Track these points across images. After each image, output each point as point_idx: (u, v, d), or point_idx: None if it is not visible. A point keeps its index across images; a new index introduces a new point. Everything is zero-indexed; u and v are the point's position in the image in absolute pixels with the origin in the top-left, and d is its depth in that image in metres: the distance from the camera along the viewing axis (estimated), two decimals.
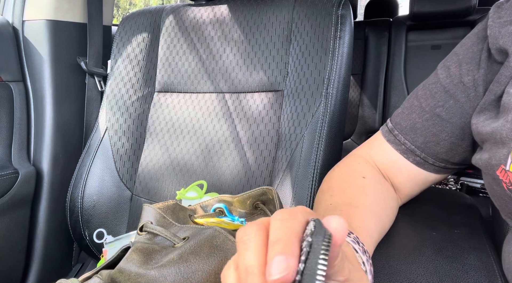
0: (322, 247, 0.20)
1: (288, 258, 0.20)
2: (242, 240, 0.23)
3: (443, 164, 0.48)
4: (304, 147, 0.67)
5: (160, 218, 0.40)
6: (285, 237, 0.21)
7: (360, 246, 0.34)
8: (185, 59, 0.82)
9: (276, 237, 0.22)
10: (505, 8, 0.41)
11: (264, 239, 0.23)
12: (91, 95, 0.93)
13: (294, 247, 0.21)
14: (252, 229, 0.23)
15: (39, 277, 0.86)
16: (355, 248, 0.33)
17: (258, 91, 0.75)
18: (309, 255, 0.20)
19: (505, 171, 0.35)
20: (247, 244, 0.22)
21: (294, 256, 0.20)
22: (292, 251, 0.21)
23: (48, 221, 0.86)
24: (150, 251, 0.36)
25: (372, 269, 0.34)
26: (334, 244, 0.22)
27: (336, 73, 0.68)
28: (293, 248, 0.21)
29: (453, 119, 0.45)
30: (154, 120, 0.83)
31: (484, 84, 0.42)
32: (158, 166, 0.80)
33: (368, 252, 0.35)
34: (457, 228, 0.47)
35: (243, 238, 0.23)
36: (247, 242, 0.23)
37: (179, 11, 0.85)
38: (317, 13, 0.71)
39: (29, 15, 0.84)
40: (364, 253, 0.34)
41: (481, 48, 0.43)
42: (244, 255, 0.22)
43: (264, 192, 0.51)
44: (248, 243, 0.22)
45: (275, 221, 0.23)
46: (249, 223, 0.24)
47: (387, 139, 0.50)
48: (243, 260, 0.22)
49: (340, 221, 0.22)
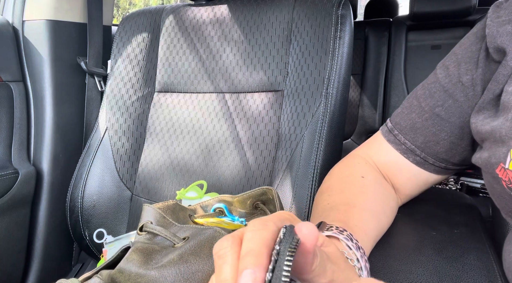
0: (287, 253, 0.21)
1: (256, 270, 0.21)
2: (218, 255, 0.23)
3: (443, 164, 0.48)
4: (304, 147, 0.67)
5: (160, 218, 0.40)
6: (255, 248, 0.22)
7: (353, 242, 0.34)
8: (185, 59, 0.82)
9: (246, 250, 0.22)
10: (504, 8, 0.41)
11: (238, 251, 0.23)
12: (91, 95, 0.93)
13: (262, 258, 0.21)
14: (228, 242, 0.24)
15: (39, 277, 0.86)
16: (348, 245, 0.33)
17: (258, 91, 0.75)
18: (276, 263, 0.21)
19: (505, 169, 0.35)
20: (222, 258, 0.23)
21: (262, 267, 0.21)
22: (261, 262, 0.21)
23: (48, 221, 0.86)
24: (150, 251, 0.36)
25: (368, 265, 0.34)
26: (305, 249, 0.22)
27: (336, 73, 0.68)
28: (261, 259, 0.21)
29: (452, 119, 0.45)
30: (154, 120, 0.83)
31: (482, 83, 0.42)
32: (158, 166, 0.80)
33: (362, 248, 0.35)
34: (457, 228, 0.47)
35: (219, 253, 0.23)
36: (223, 256, 0.23)
37: (179, 11, 0.85)
38: (317, 13, 0.71)
39: (29, 15, 0.84)
40: (358, 249, 0.34)
41: (480, 47, 0.43)
42: (220, 270, 0.23)
43: (264, 192, 0.51)
44: (224, 257, 0.23)
45: (247, 233, 0.24)
46: (224, 236, 0.25)
47: (387, 139, 0.50)
48: (219, 275, 0.23)
49: (309, 227, 0.23)
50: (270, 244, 0.22)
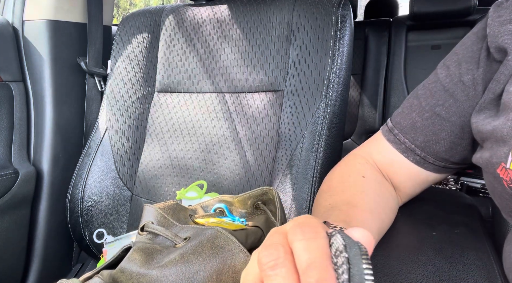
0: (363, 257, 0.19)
1: None
2: (269, 266, 0.21)
3: (443, 163, 0.48)
4: (304, 147, 0.67)
5: (161, 218, 0.40)
6: (318, 260, 0.20)
7: None
8: (185, 59, 0.82)
9: (307, 262, 0.20)
10: (504, 7, 0.41)
11: (294, 263, 0.21)
12: (91, 95, 0.93)
13: (329, 271, 0.19)
14: (279, 252, 0.21)
15: (39, 277, 0.86)
16: None
17: (258, 91, 0.75)
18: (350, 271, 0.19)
19: (506, 169, 0.35)
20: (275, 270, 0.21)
21: (332, 280, 0.19)
22: (330, 276, 0.19)
23: (48, 221, 0.86)
24: (152, 251, 0.36)
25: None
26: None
27: (336, 73, 0.68)
28: (329, 272, 0.19)
29: (452, 118, 0.45)
30: (154, 120, 0.83)
31: (483, 83, 0.42)
32: (158, 166, 0.80)
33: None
34: (457, 228, 0.47)
35: (270, 264, 0.21)
36: (275, 268, 0.21)
37: (179, 11, 0.85)
38: (317, 13, 0.71)
39: (29, 15, 0.84)
40: None
41: (480, 47, 0.43)
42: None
43: (265, 192, 0.51)
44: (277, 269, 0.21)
45: (299, 242, 0.21)
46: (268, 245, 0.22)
47: (387, 138, 0.50)
48: None
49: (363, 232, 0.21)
50: (329, 254, 0.20)
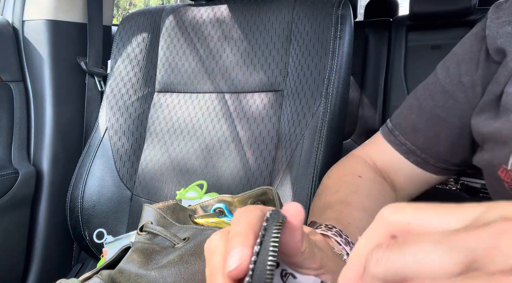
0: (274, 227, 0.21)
1: (242, 248, 0.21)
2: (209, 250, 0.23)
3: (444, 165, 0.48)
4: (304, 147, 0.67)
5: (160, 218, 0.40)
6: (241, 230, 0.22)
7: (342, 238, 0.34)
8: (185, 59, 0.82)
9: (233, 233, 0.22)
10: (503, 8, 0.41)
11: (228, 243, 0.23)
12: (91, 95, 0.93)
13: (248, 238, 0.21)
14: (217, 236, 0.24)
15: (39, 277, 0.86)
16: (338, 240, 0.33)
17: (258, 91, 0.75)
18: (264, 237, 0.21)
19: (507, 170, 0.35)
20: (213, 251, 0.23)
21: (248, 245, 0.21)
22: (247, 241, 0.21)
23: (48, 221, 0.86)
24: (151, 252, 0.36)
25: None
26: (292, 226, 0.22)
27: (336, 73, 0.68)
28: (247, 238, 0.21)
29: (452, 120, 0.45)
30: (154, 120, 0.83)
31: (482, 84, 0.42)
32: (158, 166, 0.80)
33: (353, 243, 0.34)
34: None
35: (210, 247, 0.23)
36: (213, 249, 0.23)
37: (179, 11, 0.85)
38: (317, 13, 0.71)
39: (29, 15, 0.84)
40: (348, 244, 0.33)
41: (480, 48, 0.43)
42: (211, 261, 0.23)
43: (265, 192, 0.50)
44: (214, 250, 0.23)
45: (234, 219, 0.24)
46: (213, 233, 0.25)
47: (388, 140, 0.50)
48: (210, 265, 0.23)
49: (295, 205, 0.23)
50: (256, 226, 0.22)
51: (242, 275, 0.20)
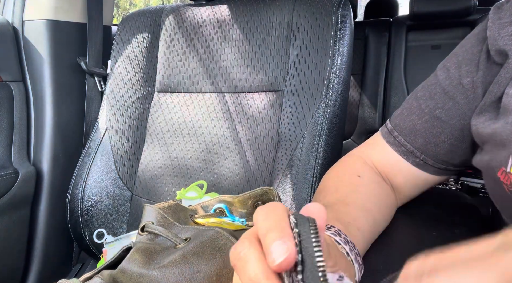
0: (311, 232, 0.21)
1: (285, 240, 0.20)
2: (238, 258, 0.22)
3: (443, 166, 0.48)
4: (304, 147, 0.67)
5: (161, 218, 0.40)
6: (275, 224, 0.21)
7: (342, 237, 0.34)
8: (185, 59, 0.82)
9: (266, 229, 0.21)
10: (505, 9, 0.41)
11: (260, 248, 0.22)
12: (91, 95, 0.93)
13: (284, 230, 0.21)
14: (244, 244, 0.22)
15: (39, 277, 0.86)
16: (337, 239, 0.33)
17: (258, 91, 0.75)
18: (301, 243, 0.20)
19: (506, 172, 0.35)
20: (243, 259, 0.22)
21: (290, 237, 0.20)
22: (287, 233, 0.20)
23: (48, 221, 0.86)
24: (152, 252, 0.36)
25: (359, 259, 0.34)
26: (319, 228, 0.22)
27: (336, 73, 0.68)
28: (285, 231, 0.21)
29: (452, 121, 0.45)
30: (154, 120, 0.83)
31: (482, 86, 0.42)
32: (158, 166, 0.80)
33: (352, 242, 0.35)
34: (457, 228, 0.47)
35: (239, 256, 0.22)
36: (244, 257, 0.22)
37: (179, 11, 0.85)
38: (317, 13, 0.71)
39: (29, 15, 0.84)
40: (347, 243, 0.34)
41: (480, 49, 0.43)
42: (244, 269, 0.21)
43: (265, 192, 0.51)
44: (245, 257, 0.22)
45: (259, 217, 0.23)
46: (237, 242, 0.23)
47: (387, 140, 0.50)
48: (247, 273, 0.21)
49: (317, 205, 0.22)
50: (285, 219, 0.21)
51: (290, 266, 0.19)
